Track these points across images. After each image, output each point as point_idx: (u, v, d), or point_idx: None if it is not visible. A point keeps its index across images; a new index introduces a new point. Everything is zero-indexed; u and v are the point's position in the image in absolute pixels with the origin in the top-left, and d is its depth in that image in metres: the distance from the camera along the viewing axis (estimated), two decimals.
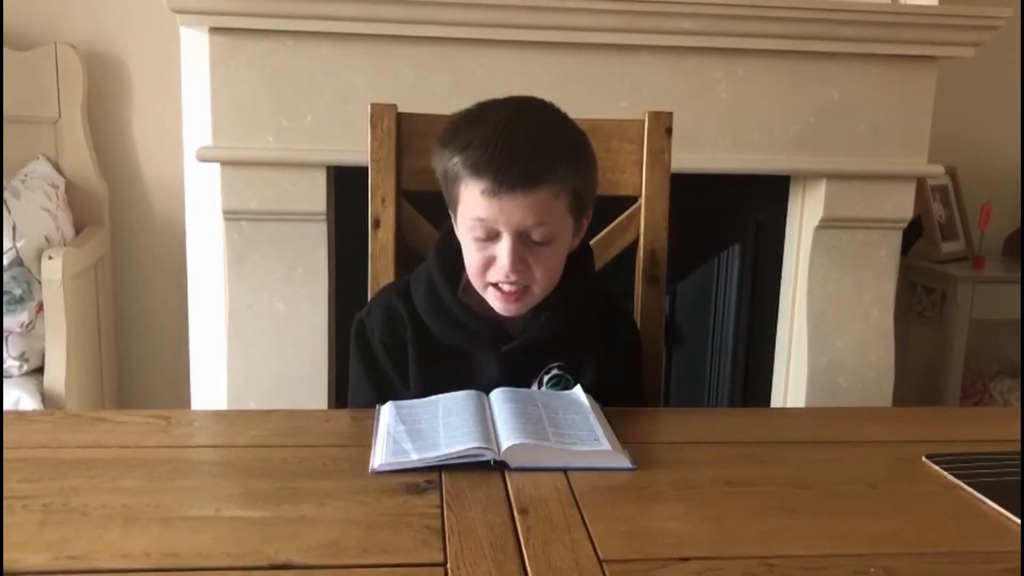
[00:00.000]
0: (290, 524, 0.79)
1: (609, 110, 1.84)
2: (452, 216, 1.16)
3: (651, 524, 0.82)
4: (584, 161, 1.13)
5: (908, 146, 2.00)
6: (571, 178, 1.09)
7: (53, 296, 2.04)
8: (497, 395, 1.06)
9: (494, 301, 1.13)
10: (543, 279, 1.12)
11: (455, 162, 1.09)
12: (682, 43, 1.88)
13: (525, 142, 1.06)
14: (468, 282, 1.17)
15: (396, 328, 1.18)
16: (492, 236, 1.09)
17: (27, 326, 2.10)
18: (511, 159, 1.05)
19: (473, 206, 1.08)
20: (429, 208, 1.26)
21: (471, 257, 1.12)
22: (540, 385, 1.17)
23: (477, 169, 1.06)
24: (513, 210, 1.06)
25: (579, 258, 1.20)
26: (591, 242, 1.34)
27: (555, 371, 1.17)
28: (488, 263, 1.11)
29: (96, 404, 2.28)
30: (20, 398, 1.99)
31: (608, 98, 1.89)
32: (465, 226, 1.11)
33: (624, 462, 0.93)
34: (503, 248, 1.08)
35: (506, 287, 1.11)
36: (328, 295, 1.93)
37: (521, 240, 1.09)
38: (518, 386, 1.10)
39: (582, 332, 1.19)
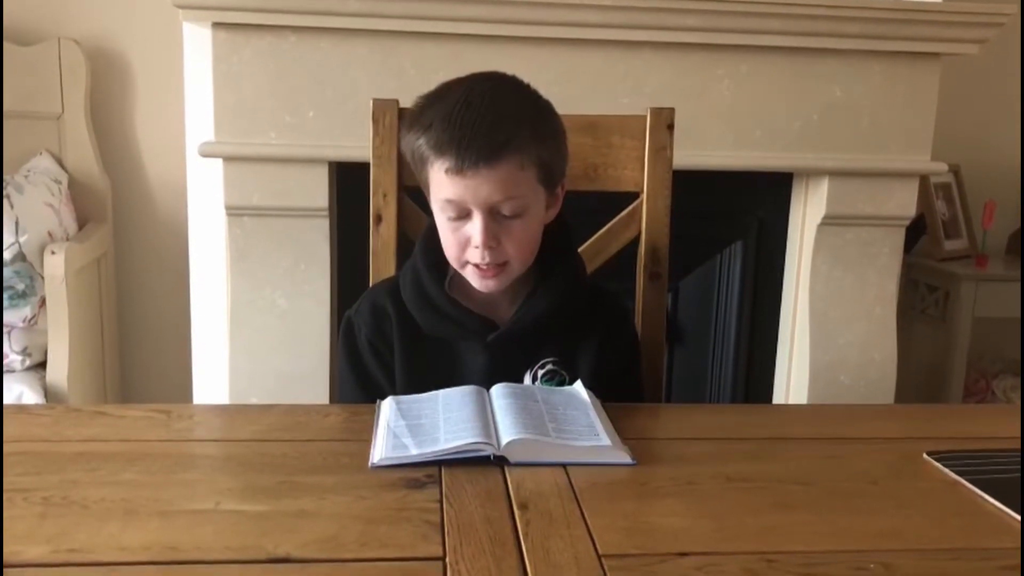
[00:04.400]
0: (289, 518, 0.79)
1: (612, 106, 1.84)
2: (427, 197, 1.16)
3: (650, 520, 0.82)
4: (548, 130, 1.12)
5: (911, 143, 1.99)
6: (534, 148, 1.09)
7: (56, 291, 2.05)
8: (497, 390, 1.05)
9: (473, 279, 1.13)
10: (518, 253, 1.12)
11: (420, 144, 1.09)
12: (685, 40, 1.88)
13: (484, 116, 1.06)
14: (454, 275, 1.17)
15: (383, 325, 1.18)
16: (464, 215, 1.09)
17: (30, 321, 2.11)
18: (471, 135, 1.05)
19: (441, 187, 1.08)
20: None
21: (446, 238, 1.13)
22: (534, 380, 1.16)
23: (440, 149, 1.06)
24: (479, 186, 1.06)
25: (557, 235, 1.19)
26: (592, 239, 1.35)
27: (549, 366, 1.17)
28: (463, 242, 1.11)
29: (98, 399, 2.28)
30: (23, 393, 1.99)
31: (611, 94, 1.89)
32: (437, 207, 1.12)
33: (624, 458, 0.93)
34: (475, 226, 1.09)
35: (482, 263, 1.11)
36: (330, 291, 1.93)
37: (492, 216, 1.09)
38: (507, 379, 1.10)
39: (573, 324, 1.19)
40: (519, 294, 1.18)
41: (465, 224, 1.10)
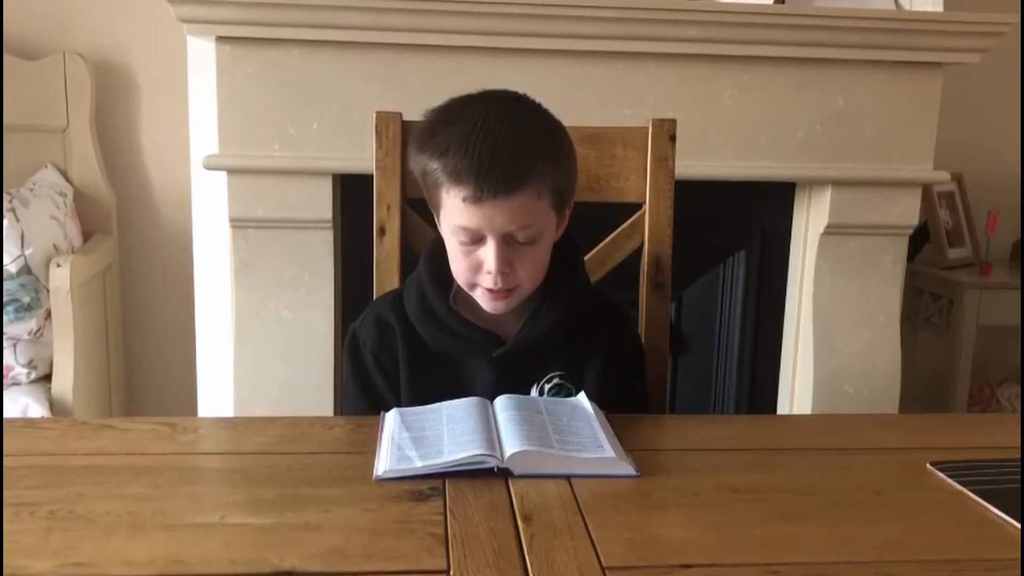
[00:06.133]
0: (294, 531, 0.79)
1: (615, 118, 1.84)
2: (435, 216, 1.16)
3: (654, 531, 0.82)
4: (563, 155, 1.12)
5: (914, 152, 2.00)
6: (551, 175, 1.08)
7: (61, 304, 2.05)
8: (501, 402, 1.06)
9: (483, 300, 1.13)
10: (530, 276, 1.12)
11: (434, 168, 1.07)
12: (687, 51, 1.88)
13: (503, 144, 1.04)
14: (459, 289, 1.17)
15: (387, 339, 1.18)
16: (476, 240, 1.09)
17: (35, 333, 2.11)
18: (490, 164, 1.03)
19: (455, 213, 1.07)
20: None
21: (457, 261, 1.12)
22: (541, 394, 1.16)
23: (456, 176, 1.05)
24: (496, 215, 1.05)
25: (564, 252, 1.19)
26: (595, 250, 1.35)
27: (556, 380, 1.16)
28: (474, 266, 1.10)
29: (104, 411, 2.29)
30: (28, 405, 2.00)
31: (614, 106, 1.89)
32: (448, 230, 1.11)
33: (628, 469, 0.93)
34: (488, 252, 1.08)
35: (494, 288, 1.10)
36: (334, 302, 1.93)
37: (506, 243, 1.08)
38: (514, 393, 1.09)
39: (579, 339, 1.19)
40: (525, 308, 1.17)
41: (477, 249, 1.09)
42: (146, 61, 2.38)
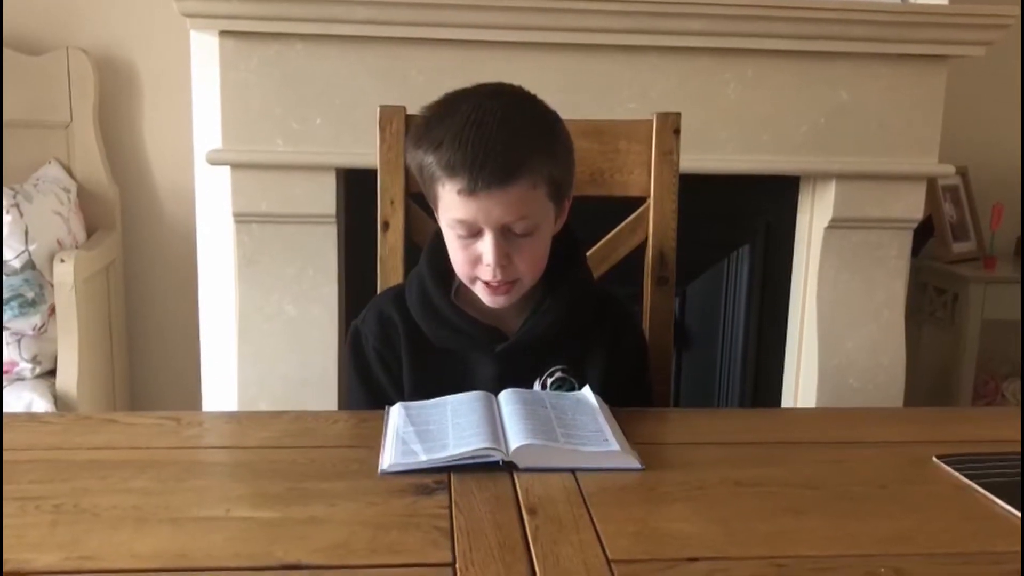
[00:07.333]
0: (299, 525, 0.79)
1: (619, 111, 1.84)
2: (434, 211, 1.16)
3: (660, 525, 0.82)
4: (559, 146, 1.11)
5: (918, 146, 1.99)
6: (547, 166, 1.08)
7: (65, 299, 2.05)
8: (506, 396, 1.06)
9: (483, 294, 1.13)
10: (529, 269, 1.12)
11: (429, 162, 1.07)
12: (691, 44, 1.88)
13: (497, 135, 1.04)
14: (461, 284, 1.17)
15: (389, 334, 1.18)
16: (474, 233, 1.08)
17: (39, 329, 2.11)
18: (484, 156, 1.03)
19: (452, 206, 1.07)
20: None
21: (456, 255, 1.12)
22: (544, 389, 1.16)
23: (451, 169, 1.05)
24: (492, 207, 1.05)
25: (565, 247, 1.19)
26: (599, 244, 1.35)
27: (558, 374, 1.16)
28: (473, 260, 1.10)
29: (108, 406, 2.29)
30: (32, 400, 2.00)
31: (618, 99, 1.89)
32: (446, 224, 1.11)
33: (633, 463, 0.93)
34: (486, 245, 1.08)
35: (493, 281, 1.10)
36: (338, 297, 1.93)
37: (504, 235, 1.08)
38: (517, 388, 1.09)
39: (582, 334, 1.19)
40: (526, 304, 1.17)
41: (476, 242, 1.09)
42: (149, 56, 2.38)
